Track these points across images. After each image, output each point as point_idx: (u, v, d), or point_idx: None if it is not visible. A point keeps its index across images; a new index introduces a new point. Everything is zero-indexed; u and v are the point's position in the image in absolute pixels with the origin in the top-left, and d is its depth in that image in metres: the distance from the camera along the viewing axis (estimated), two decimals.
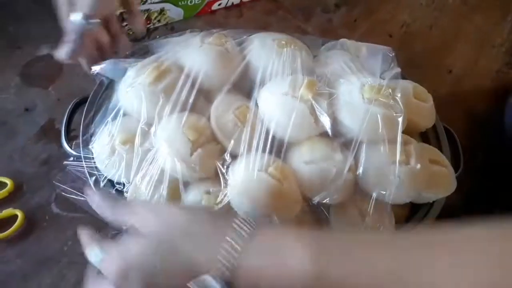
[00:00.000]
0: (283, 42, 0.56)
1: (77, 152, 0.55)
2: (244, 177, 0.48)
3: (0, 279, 0.54)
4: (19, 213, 0.59)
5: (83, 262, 0.57)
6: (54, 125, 0.68)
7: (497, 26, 0.93)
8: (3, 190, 0.60)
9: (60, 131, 0.66)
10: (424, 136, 0.62)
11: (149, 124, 0.51)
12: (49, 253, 0.58)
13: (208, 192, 0.49)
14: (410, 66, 0.61)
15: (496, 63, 0.87)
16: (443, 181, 0.55)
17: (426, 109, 0.58)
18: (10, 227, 0.58)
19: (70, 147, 0.57)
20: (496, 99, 0.81)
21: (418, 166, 0.50)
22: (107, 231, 0.58)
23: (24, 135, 0.67)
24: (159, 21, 0.80)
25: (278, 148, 0.50)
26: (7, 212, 0.59)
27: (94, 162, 0.53)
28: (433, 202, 0.56)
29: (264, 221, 0.44)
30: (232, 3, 0.85)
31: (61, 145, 0.65)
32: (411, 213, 0.56)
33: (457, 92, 0.82)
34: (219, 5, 0.84)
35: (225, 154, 0.50)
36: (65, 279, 0.57)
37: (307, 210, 0.50)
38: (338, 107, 0.52)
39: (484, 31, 0.92)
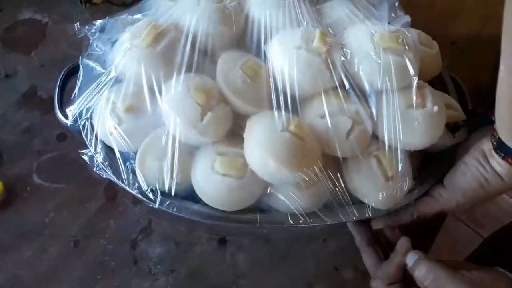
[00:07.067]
0: None
1: (73, 123, 0.50)
2: (267, 138, 0.44)
3: None
4: None
5: (66, 235, 0.54)
6: (37, 93, 0.63)
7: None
8: None
9: (43, 99, 0.63)
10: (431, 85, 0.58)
11: (151, 89, 0.47)
12: (30, 225, 0.54)
13: (221, 154, 0.46)
14: None
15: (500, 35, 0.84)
16: None
17: (432, 55, 0.55)
18: None
19: (66, 118, 0.51)
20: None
21: (436, 108, 0.47)
22: (91, 202, 0.54)
23: (4, 102, 0.62)
24: None
25: (293, 104, 0.47)
26: None
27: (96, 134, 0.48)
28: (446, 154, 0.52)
29: None
30: None
31: (43, 113, 0.61)
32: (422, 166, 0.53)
33: (460, 64, 0.79)
34: None
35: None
36: (47, 252, 0.53)
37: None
38: (349, 58, 0.48)
39: (489, 4, 0.89)
